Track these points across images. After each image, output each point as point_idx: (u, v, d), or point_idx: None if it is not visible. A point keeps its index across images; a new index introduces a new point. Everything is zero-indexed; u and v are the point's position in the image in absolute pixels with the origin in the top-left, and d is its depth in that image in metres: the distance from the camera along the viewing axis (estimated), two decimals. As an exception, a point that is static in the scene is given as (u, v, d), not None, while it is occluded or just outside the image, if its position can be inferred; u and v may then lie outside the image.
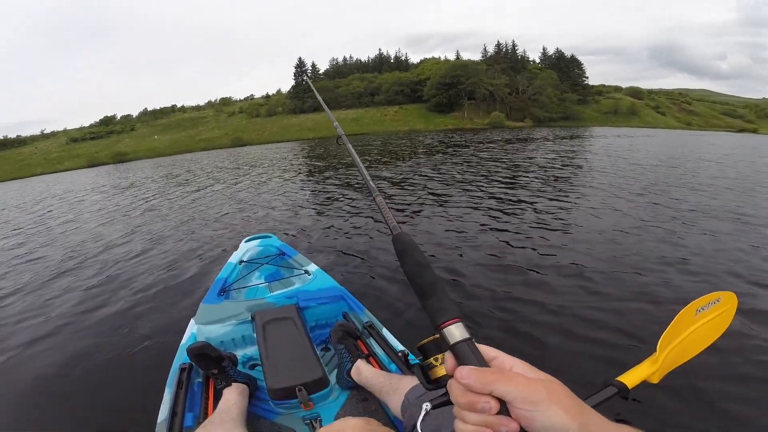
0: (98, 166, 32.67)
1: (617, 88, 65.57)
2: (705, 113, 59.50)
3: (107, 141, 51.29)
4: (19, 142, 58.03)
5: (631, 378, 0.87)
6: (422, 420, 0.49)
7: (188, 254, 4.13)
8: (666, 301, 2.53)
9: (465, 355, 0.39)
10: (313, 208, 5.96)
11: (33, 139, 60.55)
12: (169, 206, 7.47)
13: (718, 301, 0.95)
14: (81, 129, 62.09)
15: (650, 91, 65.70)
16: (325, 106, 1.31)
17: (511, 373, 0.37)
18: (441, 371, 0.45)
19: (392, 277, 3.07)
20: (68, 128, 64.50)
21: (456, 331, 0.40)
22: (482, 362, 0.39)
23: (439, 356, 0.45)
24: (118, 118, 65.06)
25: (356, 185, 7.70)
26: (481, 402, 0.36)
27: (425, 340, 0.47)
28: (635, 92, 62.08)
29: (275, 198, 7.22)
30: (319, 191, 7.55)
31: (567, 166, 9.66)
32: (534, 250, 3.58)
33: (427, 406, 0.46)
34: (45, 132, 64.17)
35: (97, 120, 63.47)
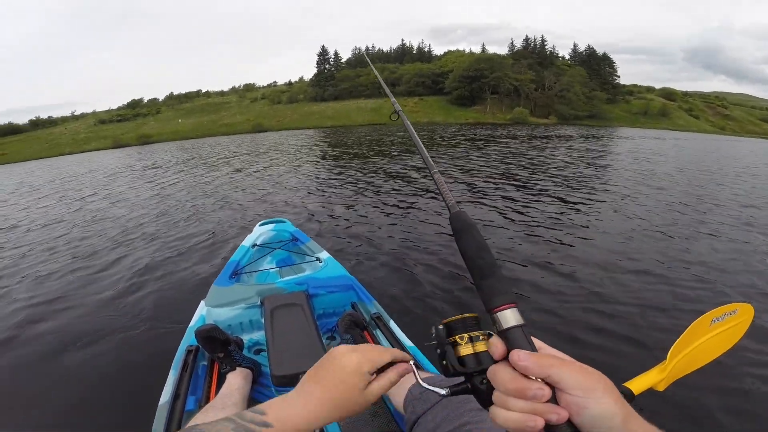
0: (123, 148, 33.67)
1: (650, 89, 62.90)
2: (742, 118, 56.47)
3: (133, 123, 52.76)
4: (50, 122, 60.33)
5: (637, 384, 0.85)
6: (432, 409, 0.48)
7: (203, 235, 4.20)
8: (680, 310, 2.46)
9: (518, 340, 0.38)
10: (330, 195, 5.96)
11: (63, 120, 62.86)
12: (186, 187, 7.61)
13: (734, 312, 0.92)
14: (109, 111, 64.11)
15: (685, 93, 62.80)
16: (384, 84, 1.27)
17: (567, 360, 0.37)
18: (466, 350, 0.43)
19: (404, 270, 3.04)
20: (97, 110, 66.79)
21: (511, 316, 0.39)
22: (534, 350, 0.38)
23: (465, 335, 0.43)
24: (145, 101, 66.82)
25: (371, 173, 7.66)
26: (533, 388, 0.35)
27: (452, 318, 0.45)
28: (668, 93, 59.46)
29: (291, 183, 7.28)
30: (336, 178, 7.54)
31: (591, 165, 9.36)
32: (549, 247, 3.49)
33: (444, 391, 0.45)
34: (75, 114, 66.64)
35: (125, 103, 65.39)
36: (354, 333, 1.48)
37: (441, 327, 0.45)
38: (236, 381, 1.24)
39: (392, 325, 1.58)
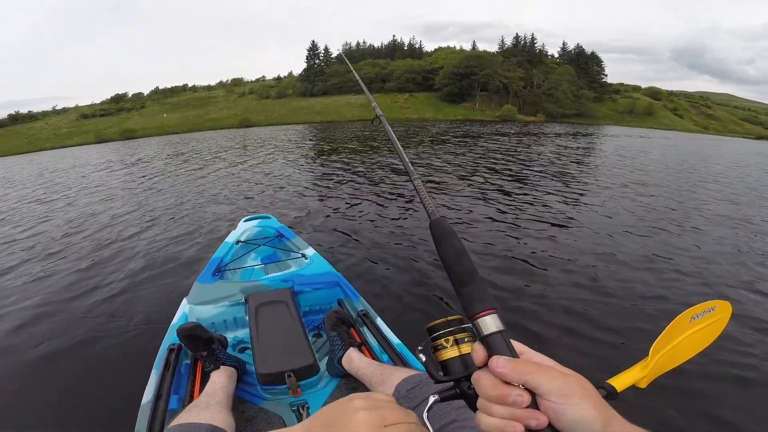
0: (106, 143, 32.83)
1: (636, 88, 63.88)
2: (724, 118, 57.93)
3: (117, 118, 51.40)
4: (31, 117, 58.39)
5: (621, 381, 0.86)
6: (428, 410, 0.46)
7: (186, 231, 4.13)
8: (662, 306, 2.51)
9: (498, 346, 0.38)
10: (315, 191, 5.92)
11: (44, 114, 60.87)
12: (168, 183, 7.47)
13: (713, 309, 0.93)
14: (92, 106, 62.25)
15: (670, 93, 63.98)
16: (364, 86, 1.25)
17: (545, 366, 0.37)
18: (450, 353, 0.43)
19: (390, 266, 3.04)
20: (80, 105, 64.83)
21: (491, 322, 0.39)
22: (515, 355, 0.38)
23: (450, 338, 0.43)
24: (130, 95, 65.13)
25: (359, 170, 7.63)
26: (513, 395, 0.36)
27: (437, 321, 0.44)
28: (654, 93, 60.49)
29: (276, 178, 7.21)
30: (323, 174, 7.50)
31: (576, 163, 9.49)
32: (534, 245, 3.52)
33: (434, 397, 0.44)
34: (56, 108, 64.53)
35: (109, 97, 63.61)
36: (340, 330, 1.46)
37: (425, 330, 0.44)
38: (220, 380, 1.22)
39: (379, 322, 1.57)
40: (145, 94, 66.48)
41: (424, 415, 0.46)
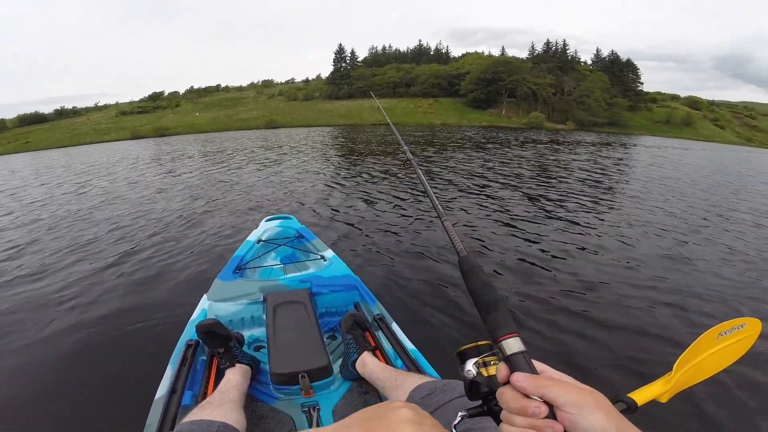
0: (140, 139, 34.43)
1: (674, 97, 61.11)
2: (771, 129, 54.42)
3: (153, 116, 53.83)
4: (75, 113, 62.04)
5: (642, 395, 0.86)
6: (455, 426, 0.50)
7: (209, 229, 4.23)
8: (687, 325, 2.42)
9: (519, 365, 0.42)
10: (337, 194, 5.96)
11: (87, 110, 64.60)
12: (194, 181, 7.71)
13: (742, 326, 0.92)
14: (131, 103, 65.52)
15: (711, 102, 60.84)
16: (395, 131, 1.27)
17: (561, 381, 0.42)
18: (493, 370, 0.47)
19: (409, 273, 3.01)
20: (120, 102, 68.42)
21: (513, 344, 0.43)
22: (535, 372, 0.43)
23: (479, 360, 0.48)
24: (166, 94, 68.14)
25: (384, 174, 7.64)
26: (531, 406, 0.40)
27: (465, 347, 0.49)
28: (693, 102, 57.64)
29: (297, 179, 7.31)
30: (345, 177, 7.55)
31: (608, 174, 9.15)
32: (561, 258, 3.40)
33: (463, 413, 0.49)
34: (99, 105, 68.40)
35: (147, 95, 66.81)
36: (355, 333, 1.46)
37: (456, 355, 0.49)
38: (235, 377, 1.23)
39: (395, 327, 1.56)
40: (181, 93, 69.40)
41: (453, 429, 0.50)
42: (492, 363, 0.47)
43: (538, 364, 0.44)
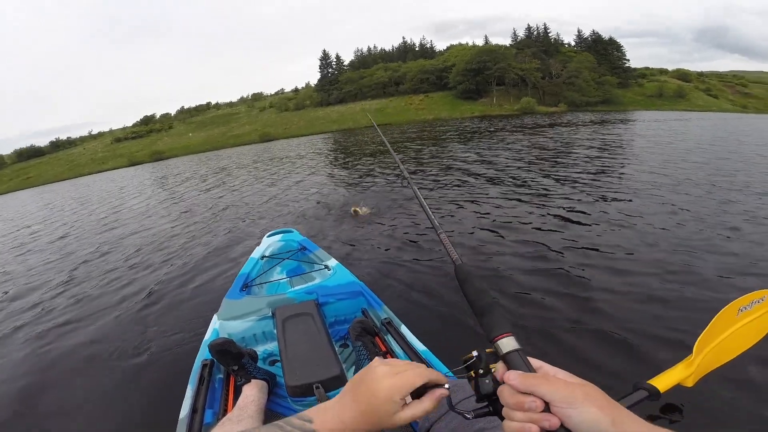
0: (138, 165, 34.56)
1: (663, 71, 60.74)
2: (763, 95, 53.93)
3: (147, 140, 54.18)
4: (70, 143, 62.62)
5: (663, 381, 0.83)
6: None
7: (214, 249, 4.25)
8: (705, 300, 2.31)
9: (515, 362, 0.45)
10: (334, 202, 5.96)
11: (82, 139, 65.06)
12: (192, 202, 7.75)
13: (763, 299, 0.87)
14: (124, 129, 65.96)
15: (700, 74, 60.49)
16: (390, 148, 1.31)
17: (552, 377, 0.44)
18: (484, 378, 0.50)
19: (413, 274, 3.01)
20: (113, 128, 68.90)
21: (508, 343, 0.46)
22: (530, 369, 0.45)
23: (498, 363, 0.50)
24: (158, 116, 68.46)
25: (382, 176, 7.66)
26: (527, 401, 0.42)
27: (468, 355, 0.51)
28: (683, 75, 57.21)
29: (295, 191, 7.32)
30: (340, 184, 7.56)
31: (606, 150, 9.13)
32: (568, 238, 3.41)
33: (469, 415, 0.51)
34: (92, 133, 68.88)
35: (139, 119, 67.19)
36: (365, 340, 1.48)
37: (462, 361, 0.51)
38: (252, 393, 1.26)
39: (403, 329, 1.57)
40: (173, 114, 69.76)
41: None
42: (493, 370, 0.49)
43: (534, 361, 0.46)
